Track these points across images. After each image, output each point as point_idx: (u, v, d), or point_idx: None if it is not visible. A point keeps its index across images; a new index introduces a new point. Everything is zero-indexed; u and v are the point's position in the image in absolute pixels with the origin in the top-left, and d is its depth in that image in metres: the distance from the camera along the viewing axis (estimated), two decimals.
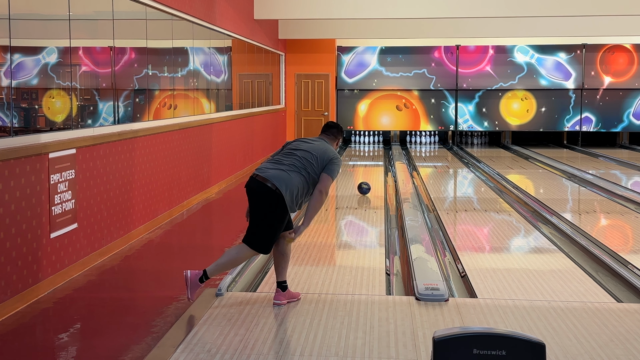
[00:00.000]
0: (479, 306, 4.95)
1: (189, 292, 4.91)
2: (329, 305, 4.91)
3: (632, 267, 6.06)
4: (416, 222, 7.94)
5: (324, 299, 5.04)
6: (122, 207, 6.94)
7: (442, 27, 16.71)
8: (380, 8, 13.83)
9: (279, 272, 5.00)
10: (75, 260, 5.89)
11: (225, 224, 8.92)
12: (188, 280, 4.91)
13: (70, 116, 6.18)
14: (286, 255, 5.00)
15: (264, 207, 4.78)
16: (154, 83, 8.49)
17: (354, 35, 17.38)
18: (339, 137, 5.20)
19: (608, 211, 9.32)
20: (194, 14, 9.51)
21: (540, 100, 18.42)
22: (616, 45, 18.17)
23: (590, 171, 13.07)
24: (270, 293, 5.22)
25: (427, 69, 18.51)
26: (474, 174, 13.22)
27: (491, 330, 3.01)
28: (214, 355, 4.02)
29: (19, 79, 5.47)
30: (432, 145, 19.35)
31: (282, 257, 4.98)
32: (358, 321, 4.59)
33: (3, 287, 4.82)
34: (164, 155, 8.27)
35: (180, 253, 7.11)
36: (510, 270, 6.08)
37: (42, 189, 5.35)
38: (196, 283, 4.91)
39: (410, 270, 5.85)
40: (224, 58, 11.75)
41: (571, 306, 4.97)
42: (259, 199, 4.80)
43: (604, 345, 4.21)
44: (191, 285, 4.90)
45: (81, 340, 4.62)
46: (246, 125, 13.18)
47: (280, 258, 4.99)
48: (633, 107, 18.31)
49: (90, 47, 6.85)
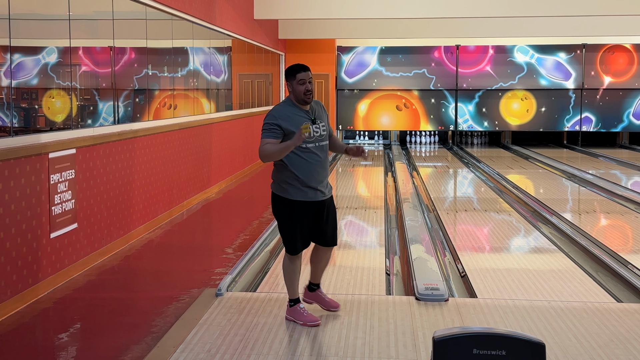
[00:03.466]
0: (479, 306, 4.95)
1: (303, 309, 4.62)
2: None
3: (632, 267, 6.06)
4: (416, 222, 7.94)
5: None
6: (122, 207, 6.94)
7: (442, 27, 16.71)
8: (380, 8, 13.83)
9: (312, 275, 4.80)
10: (75, 260, 5.88)
11: (225, 224, 8.92)
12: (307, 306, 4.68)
13: (70, 116, 6.18)
14: (321, 262, 4.72)
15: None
16: (154, 83, 8.49)
17: (354, 35, 17.38)
18: (287, 82, 4.44)
19: (608, 211, 9.32)
20: (194, 14, 9.50)
21: (540, 100, 18.42)
22: (616, 45, 18.16)
23: (590, 171, 13.07)
24: (270, 293, 5.22)
25: (427, 69, 18.51)
26: (474, 174, 13.22)
27: (491, 330, 3.01)
28: (214, 355, 4.02)
29: (19, 79, 5.47)
30: (432, 145, 19.35)
31: (318, 264, 4.72)
32: (358, 321, 4.59)
33: (3, 287, 4.82)
34: (164, 155, 8.27)
35: (180, 253, 7.11)
36: (510, 270, 6.08)
37: (42, 189, 5.35)
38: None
39: (410, 270, 5.85)
40: (224, 58, 11.75)
41: (571, 306, 4.97)
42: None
43: (604, 345, 4.21)
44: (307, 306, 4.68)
45: (81, 340, 4.62)
46: (246, 125, 13.18)
47: (317, 264, 4.73)
48: (633, 107, 18.31)
49: (90, 47, 6.85)
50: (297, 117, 4.39)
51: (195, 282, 5.72)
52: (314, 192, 4.44)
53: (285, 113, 4.40)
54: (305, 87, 4.37)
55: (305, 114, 4.44)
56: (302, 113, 4.43)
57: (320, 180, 4.45)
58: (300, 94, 4.38)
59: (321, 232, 4.56)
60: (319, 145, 4.45)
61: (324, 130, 4.47)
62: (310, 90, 4.38)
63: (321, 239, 4.60)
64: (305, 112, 4.45)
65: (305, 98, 4.39)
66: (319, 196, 4.47)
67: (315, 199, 4.45)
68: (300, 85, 4.37)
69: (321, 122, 4.47)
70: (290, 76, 4.39)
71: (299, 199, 4.42)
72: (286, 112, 4.40)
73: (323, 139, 4.47)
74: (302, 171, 4.39)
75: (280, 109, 4.43)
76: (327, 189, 4.53)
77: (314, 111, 4.49)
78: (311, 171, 4.41)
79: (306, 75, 4.37)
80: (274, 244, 7.06)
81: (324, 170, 4.49)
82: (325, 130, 4.48)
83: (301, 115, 4.41)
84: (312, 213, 4.49)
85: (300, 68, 4.41)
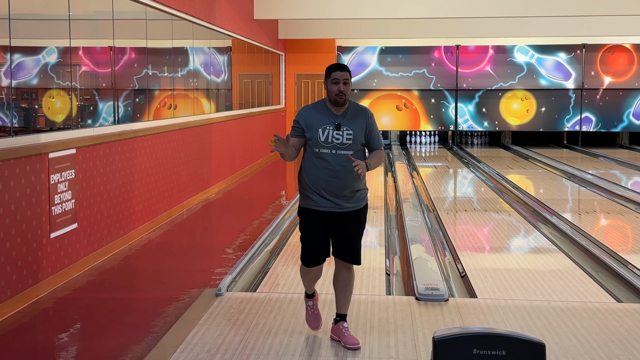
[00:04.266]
0: (479, 306, 4.95)
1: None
2: (329, 305, 4.90)
3: (632, 267, 6.06)
4: (416, 222, 7.93)
5: (324, 299, 5.03)
6: (122, 207, 6.94)
7: (442, 27, 16.71)
8: (380, 8, 13.83)
9: (336, 300, 4.35)
10: (75, 260, 5.88)
11: (225, 224, 8.92)
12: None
13: (70, 116, 6.18)
14: (339, 282, 4.30)
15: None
16: (154, 83, 8.49)
17: (354, 35, 17.38)
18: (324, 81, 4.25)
19: (608, 211, 9.32)
20: (194, 14, 9.50)
21: (540, 100, 18.42)
22: (616, 45, 18.16)
23: (590, 171, 13.07)
24: (270, 293, 5.22)
25: (427, 69, 18.51)
26: (474, 174, 13.22)
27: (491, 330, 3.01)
28: (214, 355, 4.02)
29: (19, 79, 5.47)
30: (432, 145, 19.35)
31: (336, 283, 4.33)
32: (358, 321, 4.59)
33: (3, 287, 4.82)
34: (164, 155, 8.27)
35: (180, 253, 7.11)
36: (510, 270, 6.08)
37: (42, 189, 5.35)
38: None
39: (410, 270, 5.85)
40: (223, 58, 11.75)
41: (571, 306, 4.97)
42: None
43: (604, 345, 4.21)
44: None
45: (81, 340, 4.62)
46: (246, 125, 13.18)
47: (335, 285, 4.35)
48: (633, 107, 18.31)
49: (90, 47, 6.85)
50: (319, 117, 4.12)
51: (195, 282, 5.72)
52: (325, 201, 4.12)
53: (310, 110, 4.18)
54: (338, 88, 4.07)
55: (331, 117, 4.12)
56: (328, 114, 4.13)
57: (332, 190, 4.10)
58: (332, 94, 4.10)
59: (335, 245, 4.23)
60: (335, 153, 4.08)
61: (348, 139, 4.08)
62: (343, 92, 4.07)
63: (335, 252, 4.25)
64: (332, 114, 4.13)
65: (337, 98, 4.08)
66: (331, 207, 4.12)
67: (326, 209, 4.13)
68: (333, 85, 4.10)
69: (348, 129, 4.10)
70: (327, 74, 4.16)
71: (308, 206, 4.17)
72: (311, 110, 4.18)
73: (344, 148, 4.08)
74: (310, 176, 4.13)
75: (308, 107, 4.24)
76: (346, 201, 4.14)
77: (345, 115, 4.14)
78: (319, 178, 4.10)
79: (341, 75, 4.09)
80: (274, 244, 7.06)
81: (338, 180, 4.09)
82: (350, 140, 4.08)
83: (325, 116, 4.12)
84: (323, 224, 4.15)
85: (336, 67, 4.14)
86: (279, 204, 10.06)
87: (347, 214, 4.16)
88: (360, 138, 4.14)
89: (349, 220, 4.17)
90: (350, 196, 4.15)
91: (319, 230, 4.16)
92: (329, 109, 4.15)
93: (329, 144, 4.09)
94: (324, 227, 4.16)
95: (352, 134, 4.11)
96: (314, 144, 4.11)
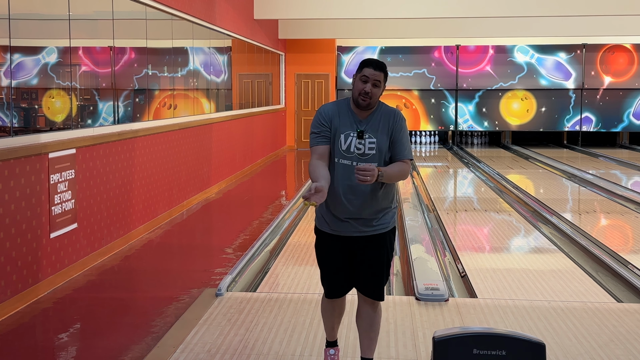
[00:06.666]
0: (479, 306, 4.95)
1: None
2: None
3: (632, 267, 6.06)
4: (416, 222, 7.94)
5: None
6: (122, 207, 6.94)
7: (442, 27, 16.71)
8: (380, 8, 13.83)
9: (359, 340, 3.74)
10: (75, 260, 5.88)
11: (225, 224, 8.92)
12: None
13: (70, 116, 6.18)
14: (362, 320, 3.64)
15: None
16: (154, 83, 8.49)
17: (354, 35, 17.37)
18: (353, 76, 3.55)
19: (608, 211, 9.32)
20: (194, 14, 9.50)
21: (540, 100, 18.42)
22: (616, 45, 18.16)
23: (590, 171, 13.07)
24: (270, 293, 5.22)
25: (427, 69, 18.51)
26: (474, 174, 13.22)
27: (491, 330, 3.01)
28: (214, 355, 4.02)
29: (19, 79, 5.47)
30: (432, 145, 19.35)
31: (358, 319, 3.69)
32: None
33: (3, 287, 4.82)
34: (164, 155, 8.26)
35: (180, 253, 7.11)
36: (510, 270, 6.07)
37: (42, 189, 5.35)
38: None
39: (410, 270, 5.85)
40: (223, 58, 11.74)
41: (571, 306, 4.97)
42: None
43: (604, 345, 4.21)
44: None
45: (81, 340, 4.62)
46: (246, 125, 13.18)
47: (358, 321, 3.71)
48: (633, 107, 18.31)
49: (90, 47, 6.85)
50: (343, 120, 3.45)
51: (195, 282, 5.72)
52: (340, 223, 3.46)
53: (333, 110, 3.47)
54: (364, 87, 3.37)
55: (354, 122, 3.44)
56: (351, 118, 3.44)
57: (348, 210, 3.42)
58: (356, 92, 3.39)
59: (355, 276, 3.55)
60: (355, 165, 3.36)
61: (370, 149, 3.40)
62: (368, 93, 3.36)
63: (355, 283, 3.58)
64: (356, 119, 3.44)
65: (360, 99, 3.38)
66: (349, 230, 3.46)
67: (343, 233, 3.47)
68: (360, 82, 3.39)
69: (371, 137, 3.41)
70: (358, 68, 3.44)
71: (322, 228, 3.56)
72: (335, 110, 3.46)
73: (365, 159, 3.39)
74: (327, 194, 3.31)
75: (330, 105, 3.52)
76: (366, 224, 3.46)
77: (369, 121, 3.44)
78: (335, 196, 3.41)
79: (372, 74, 3.37)
80: (274, 244, 7.06)
81: (358, 198, 3.41)
82: (372, 149, 3.40)
83: (349, 121, 3.44)
84: (339, 251, 3.51)
85: (370, 63, 3.41)
86: (279, 204, 10.06)
87: (370, 239, 3.48)
88: (386, 148, 3.43)
89: (371, 246, 3.49)
90: (371, 218, 3.46)
91: (334, 256, 3.53)
92: (353, 112, 3.45)
93: (351, 154, 3.40)
94: (341, 253, 3.52)
95: (375, 142, 3.41)
96: (334, 153, 3.43)
